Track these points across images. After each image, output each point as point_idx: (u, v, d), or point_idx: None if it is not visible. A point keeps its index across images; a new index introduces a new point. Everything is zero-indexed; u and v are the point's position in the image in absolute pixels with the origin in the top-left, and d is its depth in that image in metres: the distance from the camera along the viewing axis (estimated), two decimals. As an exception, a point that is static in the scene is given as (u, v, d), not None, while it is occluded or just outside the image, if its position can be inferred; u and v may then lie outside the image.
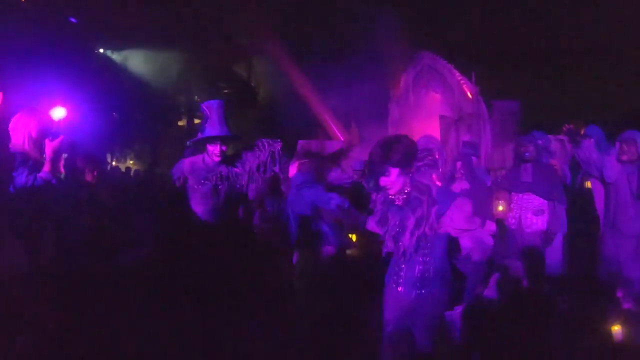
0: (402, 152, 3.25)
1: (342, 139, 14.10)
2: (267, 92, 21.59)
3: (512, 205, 4.98)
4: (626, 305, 3.91)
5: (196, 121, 19.79)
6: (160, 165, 17.04)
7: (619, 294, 4.01)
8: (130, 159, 21.12)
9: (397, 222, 3.42)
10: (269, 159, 4.81)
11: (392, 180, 3.34)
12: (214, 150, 4.66)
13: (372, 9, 13.85)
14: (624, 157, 5.04)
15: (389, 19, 13.19)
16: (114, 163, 19.07)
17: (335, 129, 15.01)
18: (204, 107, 4.72)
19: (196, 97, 20.49)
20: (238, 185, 4.77)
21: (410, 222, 3.34)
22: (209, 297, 3.81)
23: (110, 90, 15.73)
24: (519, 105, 10.65)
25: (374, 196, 3.67)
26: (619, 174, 5.02)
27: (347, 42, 14.82)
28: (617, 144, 5.12)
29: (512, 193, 5.18)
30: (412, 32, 13.18)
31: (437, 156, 3.72)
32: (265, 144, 4.87)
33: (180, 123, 22.55)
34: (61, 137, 3.58)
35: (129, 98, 17.45)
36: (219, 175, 4.71)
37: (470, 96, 10.61)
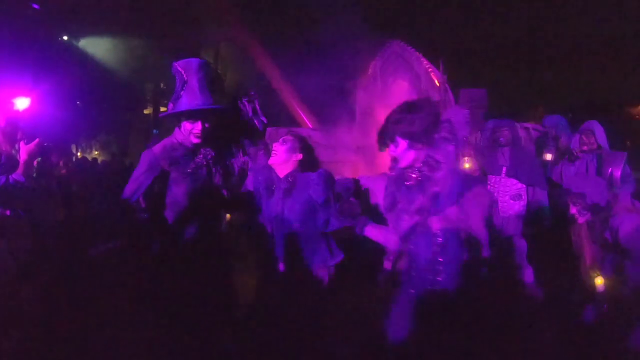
0: (418, 124, 2.86)
1: (310, 126, 14.10)
2: (234, 79, 21.49)
3: (491, 187, 4.97)
4: (581, 220, 3.90)
5: (162, 109, 19.49)
6: (128, 155, 16.81)
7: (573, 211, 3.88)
8: (96, 150, 20.80)
9: (405, 206, 2.95)
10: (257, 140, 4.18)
11: (400, 153, 2.94)
12: (194, 129, 3.64)
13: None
14: (585, 148, 5.21)
15: (358, 6, 13.20)
16: (79, 154, 18.75)
17: (303, 116, 15.00)
18: (179, 69, 3.64)
19: (162, 84, 20.23)
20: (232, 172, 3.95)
21: (414, 206, 2.89)
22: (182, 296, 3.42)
23: (74, 79, 15.40)
24: (486, 93, 10.77)
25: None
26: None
27: (315, 29, 14.83)
28: (577, 136, 5.29)
29: (489, 176, 5.17)
30: (381, 20, 13.26)
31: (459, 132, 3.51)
32: (255, 121, 4.09)
33: (146, 111, 22.29)
34: (37, 140, 3.36)
35: (93, 86, 17.12)
36: (209, 159, 3.80)
37: (437, 84, 10.70)
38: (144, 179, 3.71)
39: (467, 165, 4.87)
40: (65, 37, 18.28)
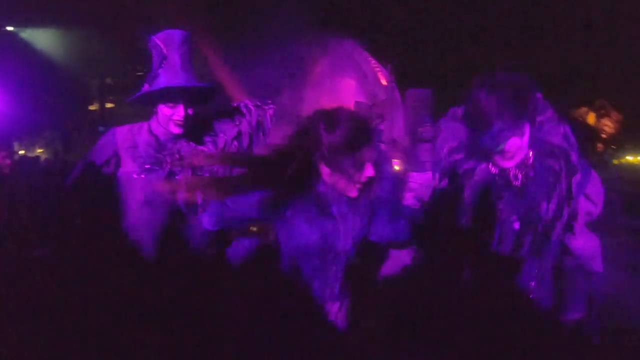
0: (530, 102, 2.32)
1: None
2: None
3: (411, 185, 5.08)
4: None
5: (108, 105, 19.06)
6: (72, 153, 16.39)
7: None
8: (39, 147, 20.22)
9: (515, 216, 2.39)
10: (256, 128, 3.56)
11: (525, 144, 2.37)
12: (175, 115, 3.06)
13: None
14: None
15: (308, 3, 13.26)
16: (21, 152, 18.22)
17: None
18: (158, 42, 3.07)
19: (108, 79, 19.82)
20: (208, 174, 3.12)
21: (547, 211, 2.32)
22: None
23: (16, 72, 14.93)
24: (431, 93, 11.01)
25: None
26: None
27: (265, 25, 14.83)
28: None
29: (412, 173, 5.26)
30: (331, 18, 13.33)
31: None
32: (252, 107, 3.64)
33: (92, 108, 21.76)
34: None
35: (36, 80, 16.61)
36: (176, 156, 3.11)
37: (384, 83, 10.88)
38: (89, 162, 3.14)
39: (397, 168, 4.95)
40: (8, 28, 17.67)
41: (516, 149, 2.38)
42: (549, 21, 16.09)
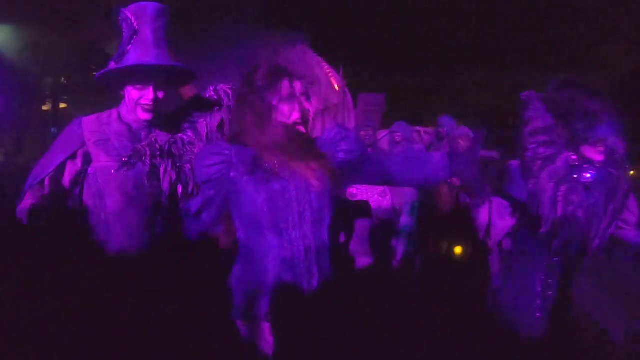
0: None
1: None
2: None
3: (357, 191, 5.26)
4: None
5: (62, 105, 18.65)
6: (23, 155, 15.95)
7: None
8: (-13, 148, 19.60)
9: (582, 213, 2.49)
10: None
11: (616, 142, 2.49)
12: (143, 98, 2.74)
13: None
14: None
15: (259, 4, 13.29)
16: (-31, 155, 17.63)
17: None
18: (128, 15, 2.70)
19: (63, 79, 19.35)
20: (189, 167, 2.83)
21: (606, 212, 2.51)
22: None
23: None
24: (384, 98, 11.19)
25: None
26: None
27: (213, 25, 14.73)
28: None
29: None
30: (282, 20, 13.38)
31: None
32: (229, 91, 3.25)
33: (44, 107, 21.24)
34: None
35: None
36: (154, 146, 2.80)
37: (337, 88, 11.01)
38: (52, 157, 2.77)
39: None
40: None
41: (609, 145, 2.46)
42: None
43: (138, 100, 2.74)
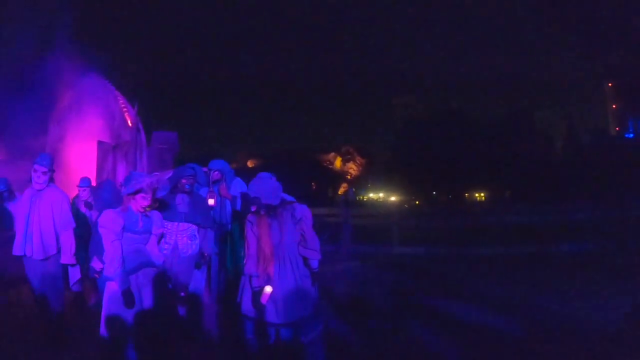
0: None
1: (-1, 157, 12.98)
2: None
3: (167, 232, 5.01)
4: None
5: None
6: None
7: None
8: None
9: None
10: None
11: None
12: None
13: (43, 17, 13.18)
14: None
15: (59, 39, 12.77)
16: None
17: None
18: None
19: None
20: None
21: None
22: None
23: None
24: (177, 136, 11.35)
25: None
26: None
27: (10, 56, 13.74)
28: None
29: (167, 222, 5.14)
30: (85, 51, 12.95)
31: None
32: None
33: None
34: None
35: None
36: None
37: (130, 124, 10.96)
38: None
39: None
40: None
41: None
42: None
43: None
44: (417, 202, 43.36)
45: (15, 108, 12.75)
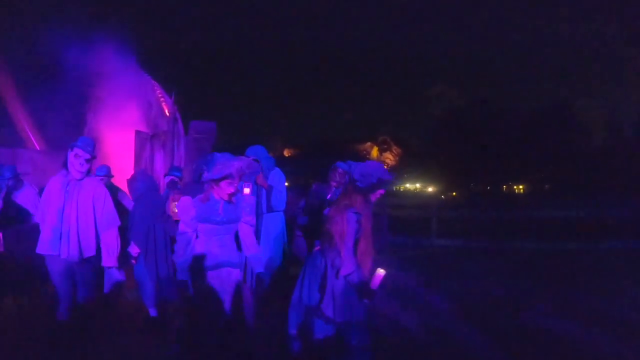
0: None
1: (37, 148, 13.22)
2: None
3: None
4: None
5: None
6: None
7: None
8: None
9: None
10: None
11: None
12: None
13: (82, 14, 13.39)
14: (333, 183, 5.83)
15: (96, 27, 12.92)
16: None
17: (31, 136, 13.99)
18: None
19: None
20: None
21: None
22: None
23: None
24: (215, 126, 11.32)
25: None
26: None
27: (49, 47, 13.98)
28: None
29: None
30: (122, 43, 13.06)
31: None
32: None
33: None
34: None
35: None
36: None
37: (167, 114, 10.96)
38: None
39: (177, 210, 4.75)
40: None
41: None
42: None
43: None
44: (454, 194, 42.83)
45: (54, 99, 12.98)
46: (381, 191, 3.37)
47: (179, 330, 4.00)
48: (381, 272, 3.08)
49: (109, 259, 4.07)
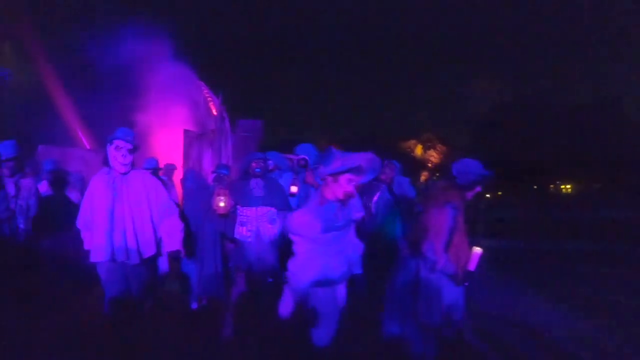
0: None
1: (87, 147, 13.57)
2: (17, 80, 19.34)
3: (246, 220, 4.85)
4: None
5: None
6: None
7: None
8: None
9: None
10: None
11: None
12: None
13: (129, 18, 13.65)
14: (383, 177, 5.79)
15: (142, 29, 13.14)
16: None
17: (81, 135, 14.38)
18: None
19: None
20: None
21: None
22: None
23: None
24: (262, 124, 11.40)
25: None
26: None
27: (99, 47, 14.32)
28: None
29: (245, 208, 5.11)
30: (168, 43, 13.27)
31: None
32: None
33: None
34: None
35: None
36: None
37: (215, 113, 11.10)
38: None
39: (222, 204, 4.73)
40: None
41: None
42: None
43: None
44: (499, 193, 42.01)
45: (103, 98, 13.32)
46: (478, 188, 3.37)
47: (225, 325, 4.11)
48: (478, 250, 3.19)
49: (173, 243, 3.77)
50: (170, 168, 7.39)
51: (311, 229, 2.82)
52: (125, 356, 3.39)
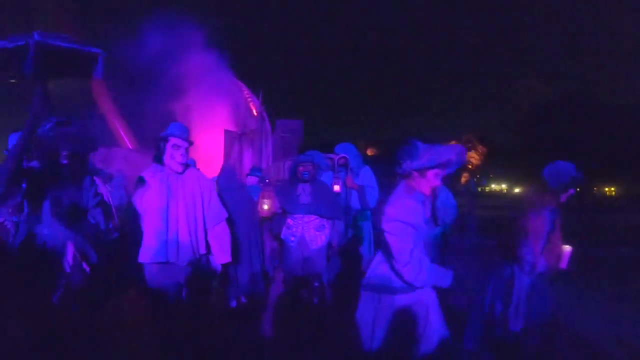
0: None
1: (129, 147, 13.81)
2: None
3: (292, 223, 4.59)
4: None
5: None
6: None
7: None
8: None
9: None
10: None
11: None
12: None
13: (172, 20, 13.81)
14: None
15: (185, 32, 13.30)
16: None
17: (124, 135, 14.62)
18: None
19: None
20: None
21: None
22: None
23: None
24: (301, 124, 11.43)
25: None
26: None
27: (140, 50, 14.55)
28: None
29: (293, 214, 4.66)
30: (211, 45, 13.40)
31: None
32: None
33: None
34: None
35: None
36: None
37: (255, 113, 11.18)
38: None
39: (266, 207, 4.62)
40: None
41: None
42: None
43: None
44: (543, 195, 40.93)
45: (145, 99, 13.50)
46: (572, 191, 3.36)
47: (264, 324, 4.12)
48: (568, 248, 3.28)
49: (224, 256, 3.66)
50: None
51: (418, 214, 2.62)
52: (167, 354, 3.38)
